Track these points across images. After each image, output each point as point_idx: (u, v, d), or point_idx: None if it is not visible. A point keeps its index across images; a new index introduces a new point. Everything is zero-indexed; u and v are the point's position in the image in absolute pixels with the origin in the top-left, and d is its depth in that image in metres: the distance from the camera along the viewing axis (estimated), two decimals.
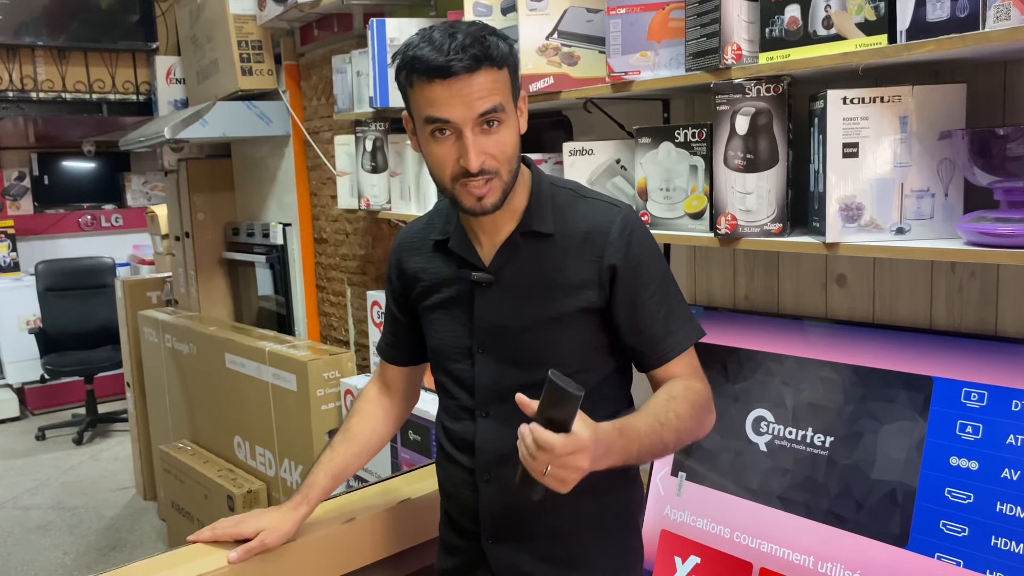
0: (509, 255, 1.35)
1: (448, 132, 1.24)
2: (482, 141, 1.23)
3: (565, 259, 1.34)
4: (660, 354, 1.35)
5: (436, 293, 1.42)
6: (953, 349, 1.53)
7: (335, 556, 1.63)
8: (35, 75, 4.22)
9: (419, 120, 1.26)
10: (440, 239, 1.41)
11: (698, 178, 1.66)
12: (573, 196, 1.38)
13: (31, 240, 7.15)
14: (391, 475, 1.97)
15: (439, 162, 1.27)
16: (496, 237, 1.36)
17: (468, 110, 1.21)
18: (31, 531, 4.49)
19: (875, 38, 1.32)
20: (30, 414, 6.62)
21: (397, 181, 2.61)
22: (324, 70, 3.37)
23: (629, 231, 1.33)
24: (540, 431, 1.07)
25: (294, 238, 3.77)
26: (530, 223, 1.34)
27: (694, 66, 1.58)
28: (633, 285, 1.33)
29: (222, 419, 3.73)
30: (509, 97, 1.27)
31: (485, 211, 1.28)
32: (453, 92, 1.20)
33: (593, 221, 1.34)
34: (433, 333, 1.45)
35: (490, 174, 1.25)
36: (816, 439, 1.69)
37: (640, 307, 1.33)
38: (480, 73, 1.20)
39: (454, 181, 1.27)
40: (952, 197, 1.41)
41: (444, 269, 1.41)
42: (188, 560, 1.49)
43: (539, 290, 1.34)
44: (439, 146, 1.25)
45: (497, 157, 1.25)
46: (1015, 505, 1.41)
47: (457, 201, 1.30)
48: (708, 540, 1.80)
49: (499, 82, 1.24)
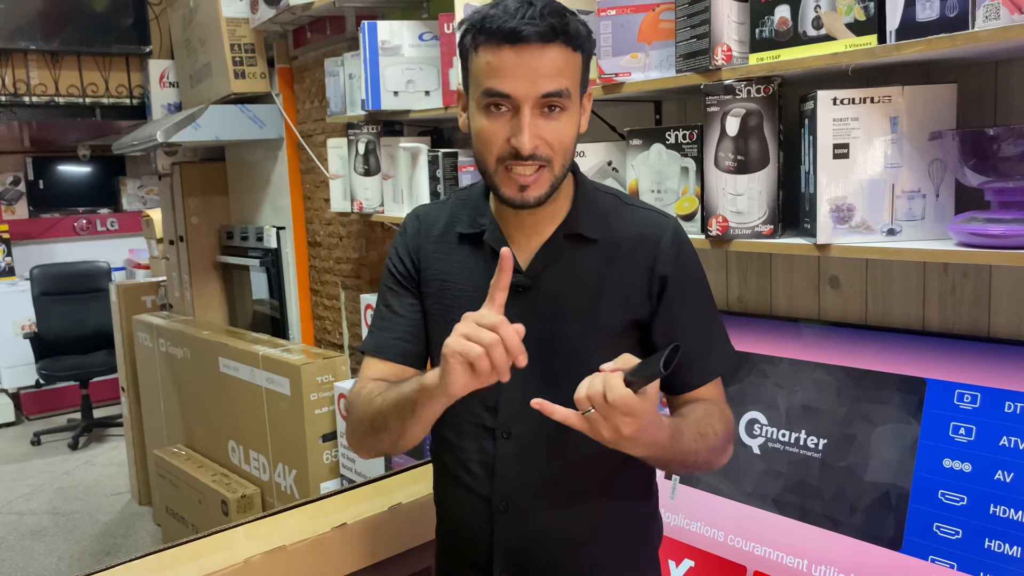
0: (550, 259, 1.23)
1: (505, 108, 1.12)
2: (539, 124, 1.12)
3: (612, 267, 1.23)
4: (695, 376, 1.26)
5: (457, 291, 1.26)
6: (946, 351, 1.53)
7: (326, 562, 1.63)
8: (28, 79, 4.21)
9: (475, 91, 1.15)
10: (469, 232, 1.27)
11: (689, 180, 1.65)
12: (617, 202, 1.29)
13: (26, 244, 7.13)
14: (383, 474, 1.96)
15: (487, 138, 1.14)
16: (534, 239, 1.24)
17: (531, 86, 1.10)
18: (26, 536, 4.47)
19: (865, 38, 1.32)
20: (25, 419, 6.60)
21: (390, 184, 2.61)
22: (317, 73, 3.36)
23: (680, 241, 1.25)
24: (616, 378, 0.99)
25: (288, 241, 3.76)
26: (576, 225, 1.23)
27: (685, 67, 1.58)
28: (680, 299, 1.23)
29: (216, 423, 3.72)
30: (577, 86, 1.16)
31: (526, 204, 1.16)
32: (521, 61, 1.09)
33: (643, 229, 1.24)
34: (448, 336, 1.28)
35: (542, 161, 1.13)
36: (810, 441, 1.68)
37: (683, 324, 1.23)
38: (553, 47, 1.10)
39: (499, 163, 1.15)
40: (943, 198, 1.40)
41: (471, 267, 1.26)
42: (190, 560, 1.48)
43: (582, 299, 1.22)
44: (491, 121, 1.13)
45: (553, 145, 1.14)
46: (1008, 507, 1.40)
47: (496, 188, 1.17)
48: (702, 543, 1.79)
49: (571, 64, 1.13)
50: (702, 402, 1.24)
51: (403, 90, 2.45)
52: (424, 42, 2.45)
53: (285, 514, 1.72)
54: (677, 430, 1.12)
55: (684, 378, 1.25)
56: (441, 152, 2.28)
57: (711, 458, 1.21)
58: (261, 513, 1.78)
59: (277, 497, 3.30)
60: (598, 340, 1.22)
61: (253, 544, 1.56)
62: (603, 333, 1.22)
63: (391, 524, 1.72)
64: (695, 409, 1.22)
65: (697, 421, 1.18)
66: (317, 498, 1.80)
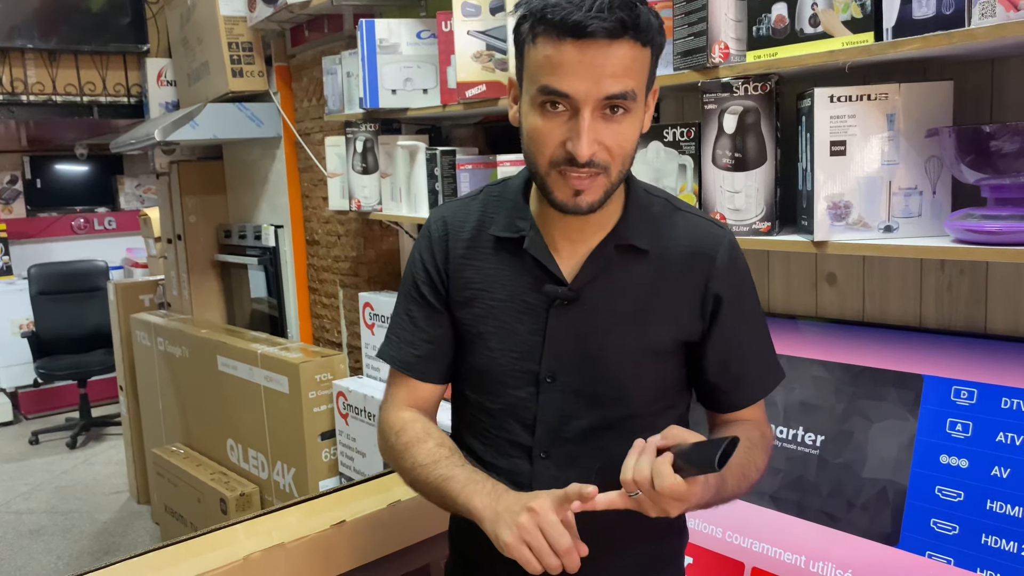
0: (598, 270, 1.14)
1: (562, 107, 1.02)
2: (599, 128, 1.02)
3: (662, 281, 1.15)
4: (743, 397, 1.21)
5: (491, 301, 1.18)
6: (943, 347, 1.53)
7: (325, 559, 1.63)
8: (25, 78, 4.20)
9: (531, 87, 1.05)
10: (508, 236, 1.17)
11: (687, 177, 1.66)
12: (669, 208, 1.19)
13: (24, 244, 7.12)
14: (382, 472, 1.96)
15: (540, 139, 1.05)
16: (580, 247, 1.15)
17: (595, 86, 1.00)
18: (24, 536, 4.47)
19: (862, 36, 1.32)
20: (23, 418, 6.60)
21: (388, 182, 2.61)
22: (315, 71, 3.36)
23: (735, 257, 1.18)
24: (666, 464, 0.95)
25: (286, 240, 3.76)
26: (627, 235, 1.14)
27: (682, 65, 1.58)
28: (734, 319, 1.17)
29: (215, 422, 3.72)
30: (644, 85, 1.06)
31: (579, 210, 1.07)
32: (584, 58, 0.99)
33: (696, 241, 1.16)
34: (484, 351, 1.19)
35: (598, 169, 1.04)
36: (807, 438, 1.68)
37: (736, 344, 1.18)
38: (621, 43, 0.99)
39: (552, 166, 1.05)
40: (940, 195, 1.41)
41: (508, 274, 1.17)
42: (189, 557, 1.48)
43: (631, 315, 1.14)
44: (546, 120, 1.04)
45: (612, 151, 1.04)
46: (1005, 503, 1.41)
47: (547, 191, 1.08)
48: (700, 540, 1.80)
49: (639, 62, 1.03)
50: (744, 426, 1.18)
51: (401, 88, 2.46)
52: (422, 40, 2.45)
53: (284, 511, 1.73)
54: (722, 484, 1.07)
55: (730, 399, 1.21)
56: (439, 150, 2.28)
57: (751, 488, 1.17)
58: (260, 511, 1.79)
59: (276, 495, 3.30)
60: (645, 359, 1.16)
61: (252, 541, 1.57)
62: (650, 352, 1.16)
63: (390, 521, 1.73)
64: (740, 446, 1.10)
65: (741, 464, 1.12)
66: (316, 495, 1.80)
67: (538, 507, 1.00)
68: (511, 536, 1.00)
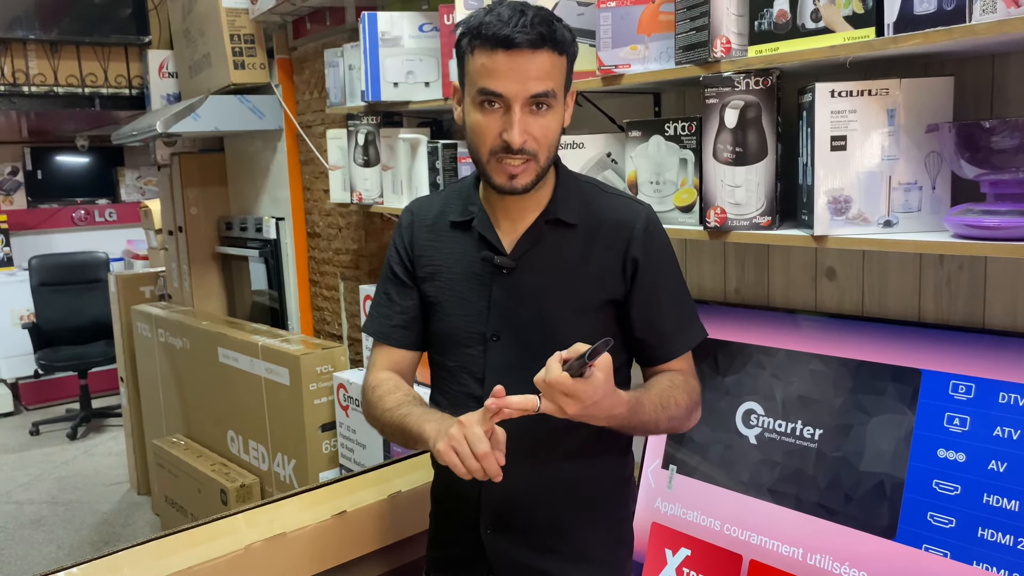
0: (532, 242, 1.35)
1: (497, 105, 1.25)
2: (528, 121, 1.24)
3: (589, 250, 1.35)
4: (668, 350, 1.39)
5: (449, 275, 1.40)
6: (941, 342, 1.54)
7: (326, 550, 1.64)
8: (27, 69, 4.20)
9: (471, 89, 1.27)
10: (460, 220, 1.40)
11: (688, 171, 1.66)
12: (596, 191, 1.41)
13: (24, 235, 7.13)
14: (382, 463, 1.97)
15: (481, 132, 1.27)
16: (519, 224, 1.36)
17: (522, 87, 1.22)
18: (25, 526, 4.49)
19: (863, 31, 1.32)
20: (24, 409, 6.61)
21: (389, 175, 2.61)
22: (316, 64, 3.36)
23: (652, 228, 1.37)
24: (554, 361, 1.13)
25: (287, 232, 3.76)
26: (555, 211, 1.35)
27: (684, 59, 1.58)
28: (651, 280, 1.36)
29: (215, 413, 3.73)
30: (562, 86, 1.28)
31: (515, 191, 1.28)
32: (513, 65, 1.21)
33: (618, 215, 1.36)
34: (442, 316, 1.41)
35: (529, 155, 1.26)
36: (806, 432, 1.69)
37: (656, 303, 1.37)
38: (542, 53, 1.22)
39: (491, 155, 1.27)
40: (939, 190, 1.41)
41: (460, 251, 1.39)
42: (190, 547, 1.49)
43: (562, 280, 1.35)
44: (485, 116, 1.26)
45: (539, 140, 1.26)
46: (1002, 497, 1.41)
47: (488, 176, 1.30)
48: (698, 532, 1.81)
49: (557, 67, 1.25)
50: (669, 373, 1.38)
51: (403, 81, 2.46)
52: (424, 33, 2.45)
53: (285, 502, 1.74)
54: (637, 403, 1.26)
55: (656, 353, 1.39)
56: (440, 143, 2.29)
57: (673, 425, 1.37)
58: (261, 501, 1.79)
59: (276, 487, 3.32)
60: (576, 317, 1.34)
61: (253, 531, 1.58)
62: (581, 310, 1.35)
63: (390, 512, 1.74)
64: (660, 381, 1.35)
65: (660, 393, 1.32)
66: (317, 486, 1.82)
67: (465, 420, 1.18)
68: (443, 444, 1.17)
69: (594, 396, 1.14)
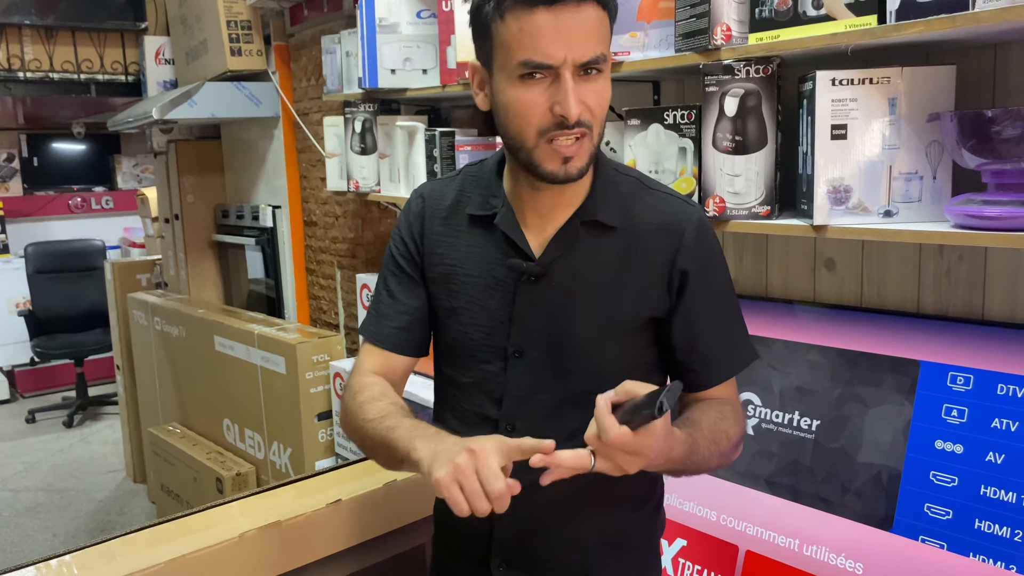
0: (565, 246, 1.15)
1: (540, 76, 1.04)
2: (580, 89, 1.04)
3: (630, 258, 1.15)
4: (712, 376, 1.20)
5: (465, 277, 1.20)
6: (940, 333, 1.53)
7: (320, 538, 1.63)
8: (22, 54, 4.18)
9: (507, 64, 1.05)
10: (481, 214, 1.20)
11: (687, 160, 1.65)
12: (639, 186, 1.20)
13: (20, 222, 7.10)
14: None
15: (525, 110, 1.05)
16: (549, 223, 1.16)
17: (571, 50, 1.02)
18: (21, 513, 4.49)
19: (865, 19, 1.31)
20: (20, 397, 6.60)
21: (386, 163, 2.60)
22: (314, 51, 3.34)
23: (704, 234, 1.17)
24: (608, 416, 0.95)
25: (284, 221, 3.75)
26: (594, 211, 1.15)
27: (684, 47, 1.57)
28: (701, 297, 1.17)
29: (211, 402, 3.73)
30: (609, 48, 1.08)
31: (569, 177, 1.08)
32: (559, 23, 1.01)
33: (664, 217, 1.16)
34: (454, 324, 1.22)
35: (585, 128, 1.06)
36: (803, 423, 1.69)
37: (703, 323, 1.18)
38: (587, 6, 1.02)
39: (540, 136, 1.06)
40: (940, 180, 1.40)
41: (480, 250, 1.19)
42: (184, 534, 1.49)
43: (598, 291, 1.15)
44: (528, 91, 1.04)
45: (594, 111, 1.06)
46: (999, 488, 1.41)
47: (536, 165, 1.08)
48: (694, 523, 1.80)
49: (604, 26, 1.06)
50: (715, 403, 1.19)
51: (400, 68, 2.44)
52: (422, 20, 2.44)
53: (280, 490, 1.73)
54: (693, 443, 1.08)
55: (699, 378, 1.20)
56: (438, 131, 2.27)
57: (722, 463, 1.17)
58: (256, 489, 1.79)
59: (272, 475, 3.31)
60: (612, 335, 1.16)
61: (248, 519, 1.57)
62: (617, 329, 1.16)
63: (385, 501, 1.73)
64: (708, 413, 1.15)
65: (711, 428, 1.12)
66: (312, 474, 1.81)
67: (479, 450, 0.96)
68: (445, 474, 0.96)
69: (657, 447, 0.96)
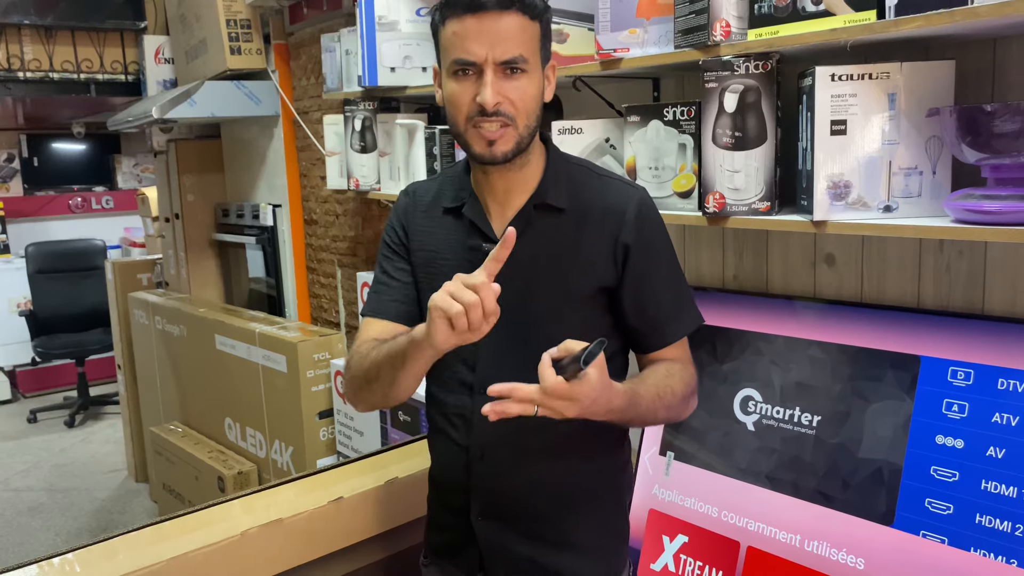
0: (521, 227, 1.28)
1: (470, 72, 1.23)
2: (502, 84, 1.23)
3: (579, 236, 1.32)
4: (662, 338, 1.36)
5: (441, 260, 1.38)
6: (940, 328, 1.53)
7: (322, 535, 1.64)
8: (22, 54, 4.18)
9: (446, 62, 1.26)
10: (452, 206, 1.38)
11: (687, 156, 1.65)
12: (588, 173, 1.38)
13: (21, 222, 7.11)
14: (379, 449, 1.97)
15: (456, 100, 1.25)
16: (508, 209, 1.34)
17: (492, 50, 1.21)
18: (23, 513, 4.49)
19: (864, 14, 1.31)
20: (21, 396, 6.61)
21: (386, 161, 2.60)
22: (313, 49, 3.34)
23: (645, 212, 1.34)
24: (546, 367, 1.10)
25: (284, 219, 3.75)
26: (544, 196, 1.33)
27: (683, 43, 1.57)
28: (643, 266, 1.33)
29: (213, 401, 3.73)
30: (536, 54, 1.26)
31: (495, 159, 1.26)
32: (482, 28, 1.20)
33: (609, 200, 1.33)
34: None
35: (505, 118, 1.24)
36: (804, 418, 1.69)
37: (648, 289, 1.34)
38: (510, 14, 1.21)
39: (467, 121, 1.25)
40: (940, 175, 1.40)
41: (452, 236, 1.37)
42: (187, 532, 1.49)
43: (552, 266, 1.32)
44: (459, 85, 1.24)
45: (515, 104, 1.24)
46: (1000, 483, 1.41)
47: (468, 146, 1.27)
48: (696, 519, 1.80)
49: (528, 32, 1.24)
50: (665, 362, 1.36)
51: (400, 66, 2.44)
52: (421, 17, 2.44)
53: (282, 488, 1.73)
54: (635, 395, 1.23)
55: (650, 340, 1.36)
56: (438, 129, 2.27)
57: (671, 415, 1.34)
58: (258, 487, 1.79)
59: (274, 474, 3.32)
60: (567, 304, 1.32)
61: (250, 517, 1.57)
62: (572, 298, 1.32)
63: (387, 498, 1.73)
64: (656, 370, 1.33)
65: (656, 383, 1.29)
66: (314, 472, 1.81)
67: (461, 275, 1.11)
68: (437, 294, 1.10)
69: (591, 395, 1.12)
